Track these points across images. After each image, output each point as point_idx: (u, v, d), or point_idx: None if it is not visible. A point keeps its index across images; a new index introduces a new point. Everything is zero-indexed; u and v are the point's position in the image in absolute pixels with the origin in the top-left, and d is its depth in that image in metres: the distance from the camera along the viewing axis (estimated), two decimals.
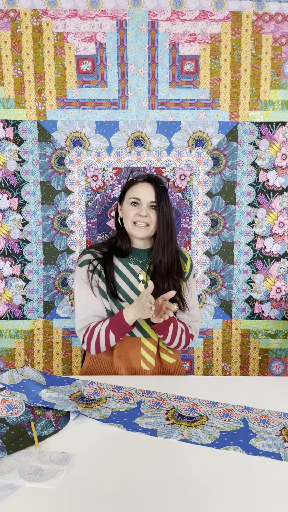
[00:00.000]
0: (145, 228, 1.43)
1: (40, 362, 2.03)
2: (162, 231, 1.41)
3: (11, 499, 0.79)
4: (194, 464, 0.91)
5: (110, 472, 0.87)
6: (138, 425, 1.05)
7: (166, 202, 1.42)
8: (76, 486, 0.82)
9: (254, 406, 1.16)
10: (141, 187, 1.43)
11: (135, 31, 1.82)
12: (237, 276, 2.02)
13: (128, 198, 1.45)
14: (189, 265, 1.54)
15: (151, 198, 1.41)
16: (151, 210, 1.42)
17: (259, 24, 1.83)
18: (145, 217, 1.41)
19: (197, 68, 1.86)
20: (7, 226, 1.93)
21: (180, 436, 1.00)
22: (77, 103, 1.87)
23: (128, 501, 0.78)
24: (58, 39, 1.82)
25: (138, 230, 1.43)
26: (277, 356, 2.07)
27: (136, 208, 1.42)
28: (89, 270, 1.44)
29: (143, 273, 1.47)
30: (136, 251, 1.48)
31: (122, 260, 1.48)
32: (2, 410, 1.06)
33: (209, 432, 1.02)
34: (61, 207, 1.95)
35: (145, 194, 1.41)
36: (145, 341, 1.43)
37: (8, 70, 1.83)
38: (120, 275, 1.46)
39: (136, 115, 1.88)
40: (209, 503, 0.79)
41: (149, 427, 1.04)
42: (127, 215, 1.44)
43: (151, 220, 1.42)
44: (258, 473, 0.88)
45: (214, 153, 1.93)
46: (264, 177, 1.95)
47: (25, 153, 1.89)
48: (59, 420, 1.06)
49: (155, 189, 1.41)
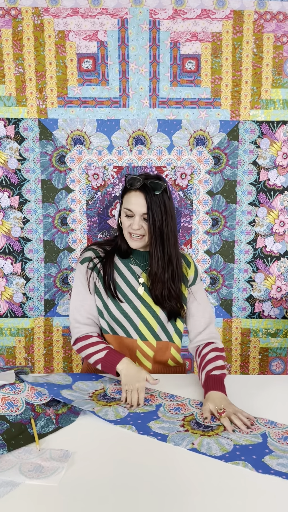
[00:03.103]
0: (140, 239, 1.37)
1: (40, 360, 2.03)
2: (154, 245, 1.35)
3: (11, 496, 0.79)
4: (194, 464, 0.91)
5: (110, 469, 0.87)
6: (150, 429, 1.03)
7: (161, 210, 1.33)
8: (76, 483, 0.82)
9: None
10: (133, 197, 1.34)
11: (136, 30, 1.81)
12: (238, 275, 2.02)
13: (123, 207, 1.38)
14: (193, 270, 1.47)
15: (143, 209, 1.33)
16: (144, 221, 1.35)
17: (260, 22, 1.83)
18: (138, 230, 1.35)
19: (198, 66, 1.86)
20: (8, 224, 1.93)
21: (190, 445, 0.97)
22: (78, 101, 1.87)
23: (128, 499, 0.79)
24: (59, 37, 1.82)
25: (133, 242, 1.38)
26: (277, 355, 2.07)
27: (129, 219, 1.36)
28: (88, 268, 1.43)
29: (144, 275, 1.43)
30: (137, 253, 1.45)
31: (123, 260, 1.46)
32: (2, 408, 1.06)
33: (222, 443, 0.98)
34: (62, 205, 1.95)
35: (137, 205, 1.33)
36: (142, 344, 1.41)
37: (9, 68, 1.83)
38: (120, 275, 1.44)
39: (137, 113, 1.88)
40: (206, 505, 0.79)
41: (161, 431, 1.02)
42: (123, 224, 1.39)
43: (145, 230, 1.36)
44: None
45: (215, 152, 1.93)
46: (265, 176, 1.95)
47: (26, 151, 1.89)
48: (59, 418, 1.07)
49: (146, 199, 1.32)
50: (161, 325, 1.42)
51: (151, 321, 1.41)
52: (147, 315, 1.41)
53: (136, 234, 1.36)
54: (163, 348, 1.44)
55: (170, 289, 1.38)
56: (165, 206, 1.34)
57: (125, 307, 1.41)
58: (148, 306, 1.41)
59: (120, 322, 1.41)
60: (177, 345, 1.46)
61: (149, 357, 1.42)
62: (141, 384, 1.21)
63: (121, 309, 1.40)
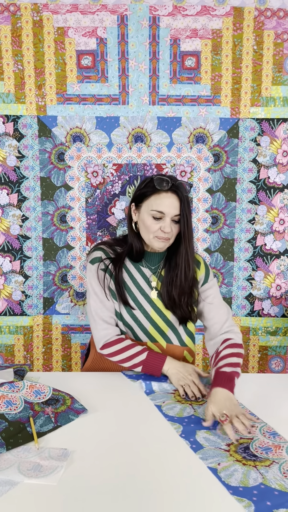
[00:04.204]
0: (166, 241, 1.32)
1: (39, 359, 2.03)
2: (186, 246, 1.31)
3: (10, 495, 0.79)
4: (195, 464, 0.90)
5: (109, 468, 0.87)
6: (195, 437, 1.00)
7: (189, 212, 1.29)
8: (75, 482, 0.82)
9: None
10: (165, 198, 1.27)
11: (136, 26, 1.80)
12: (237, 273, 2.02)
13: (149, 209, 1.29)
14: (203, 269, 1.42)
15: (175, 211, 1.27)
16: (173, 223, 1.30)
17: (261, 19, 1.82)
18: (169, 233, 1.29)
19: (198, 63, 1.85)
20: (6, 222, 1.93)
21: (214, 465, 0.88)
22: (77, 98, 1.86)
23: (127, 497, 0.78)
24: (58, 34, 1.81)
25: (159, 244, 1.32)
26: (276, 353, 2.07)
27: (159, 222, 1.29)
28: (100, 269, 1.37)
29: (154, 278, 1.39)
30: (150, 255, 1.40)
31: (134, 263, 1.41)
32: (1, 406, 1.06)
33: (249, 477, 0.85)
34: (61, 203, 1.94)
35: (170, 207, 1.27)
36: (152, 345, 1.38)
37: (8, 65, 1.82)
38: (132, 279, 1.39)
39: (137, 110, 1.87)
40: (206, 506, 0.79)
41: (202, 442, 0.99)
42: (147, 227, 1.31)
43: (172, 233, 1.31)
44: None
45: (215, 150, 1.92)
46: (265, 174, 1.94)
47: (25, 148, 1.88)
48: (58, 417, 1.06)
49: (180, 200, 1.27)
50: (172, 328, 1.39)
51: (161, 325, 1.37)
52: (157, 319, 1.37)
53: (166, 237, 1.30)
54: (174, 351, 1.39)
55: (191, 291, 1.35)
56: (190, 209, 1.31)
57: (136, 313, 1.37)
58: (158, 310, 1.37)
59: (130, 326, 1.37)
60: (190, 348, 1.42)
61: None
62: (195, 376, 1.24)
63: (132, 314, 1.36)
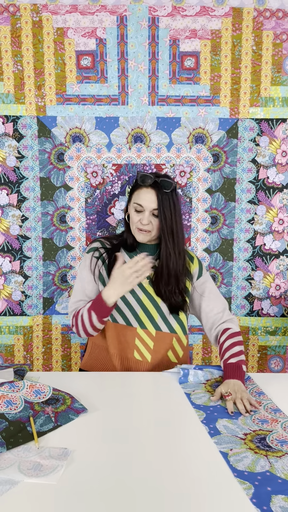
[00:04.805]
0: (148, 233, 1.43)
1: (39, 359, 2.03)
2: (166, 240, 1.41)
3: (10, 494, 0.79)
4: (196, 464, 0.91)
5: (109, 467, 0.87)
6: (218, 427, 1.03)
7: (170, 207, 1.39)
8: (75, 482, 0.82)
9: None
10: (144, 193, 1.40)
11: (135, 27, 1.81)
12: (237, 273, 2.02)
13: (133, 202, 1.43)
14: (196, 264, 1.52)
15: (153, 205, 1.39)
16: (154, 217, 1.41)
17: (260, 20, 1.83)
18: (147, 225, 1.41)
19: (197, 64, 1.85)
20: (6, 222, 1.93)
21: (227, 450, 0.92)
22: (77, 98, 1.86)
23: (127, 497, 0.79)
24: (58, 34, 1.81)
25: (140, 235, 1.44)
26: (276, 353, 2.07)
27: (139, 214, 1.42)
28: (93, 256, 1.48)
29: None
30: (143, 246, 1.50)
31: (129, 253, 1.51)
32: (1, 406, 1.06)
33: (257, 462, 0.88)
34: (61, 203, 1.94)
35: (148, 201, 1.39)
36: (141, 332, 1.44)
37: (7, 65, 1.82)
38: None
39: (136, 111, 1.87)
40: (206, 506, 0.79)
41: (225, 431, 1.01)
42: (131, 219, 1.45)
43: (153, 226, 1.42)
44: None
45: (214, 150, 1.92)
46: (264, 174, 1.94)
47: (25, 149, 1.88)
48: (59, 416, 1.07)
49: (157, 196, 1.38)
50: (162, 315, 1.45)
51: (151, 310, 1.44)
52: (148, 304, 1.45)
53: (144, 228, 1.41)
54: (163, 338, 1.45)
55: (178, 282, 1.43)
56: (174, 204, 1.40)
57: (127, 295, 1.45)
58: (150, 296, 1.45)
59: (121, 310, 1.44)
60: (179, 336, 1.47)
61: (149, 347, 1.44)
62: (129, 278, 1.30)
63: (123, 297, 1.44)
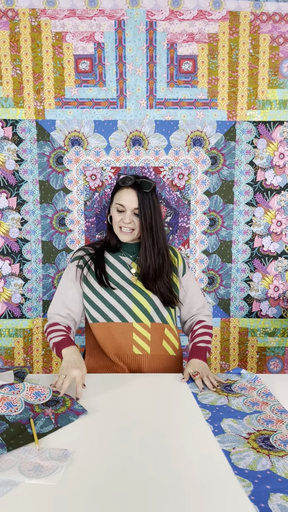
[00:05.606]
0: (130, 233, 1.50)
1: (39, 361, 2.03)
2: (145, 237, 1.48)
3: (11, 495, 0.79)
4: (196, 463, 0.91)
5: (109, 468, 0.87)
6: (221, 426, 1.05)
7: (150, 206, 1.46)
8: (75, 483, 0.83)
9: None
10: (125, 193, 1.48)
11: (133, 31, 1.82)
12: (235, 274, 2.03)
13: (114, 203, 1.51)
14: (181, 260, 1.60)
15: (134, 204, 1.46)
16: (135, 216, 1.48)
17: (256, 23, 1.84)
18: (129, 224, 1.48)
19: (195, 67, 1.87)
20: (6, 225, 1.94)
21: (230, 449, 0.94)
22: (75, 102, 1.87)
23: (127, 498, 0.79)
24: (56, 39, 1.82)
25: (123, 235, 1.51)
26: (275, 354, 2.08)
27: (121, 214, 1.49)
28: (77, 266, 1.53)
29: (134, 264, 1.55)
30: (126, 246, 1.57)
31: (113, 254, 1.57)
32: (1, 408, 1.07)
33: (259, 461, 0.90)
34: (60, 206, 1.95)
35: (129, 201, 1.46)
36: (137, 326, 1.47)
37: (6, 70, 1.83)
38: (111, 267, 1.54)
39: (135, 114, 1.89)
40: (207, 506, 0.80)
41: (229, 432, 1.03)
42: (114, 219, 1.52)
43: (135, 225, 1.49)
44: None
45: (212, 152, 1.93)
46: (262, 176, 1.95)
47: (24, 152, 1.89)
48: (59, 418, 1.07)
49: (138, 196, 1.46)
50: (155, 307, 1.50)
51: (144, 304, 1.49)
52: (140, 298, 1.49)
53: (127, 228, 1.49)
54: (158, 329, 1.49)
55: (161, 276, 1.50)
56: (153, 203, 1.48)
57: (118, 293, 1.49)
58: (140, 290, 1.50)
59: (114, 308, 1.48)
60: (171, 326, 1.53)
61: (146, 339, 1.47)
62: (77, 374, 1.22)
63: (114, 295, 1.48)
